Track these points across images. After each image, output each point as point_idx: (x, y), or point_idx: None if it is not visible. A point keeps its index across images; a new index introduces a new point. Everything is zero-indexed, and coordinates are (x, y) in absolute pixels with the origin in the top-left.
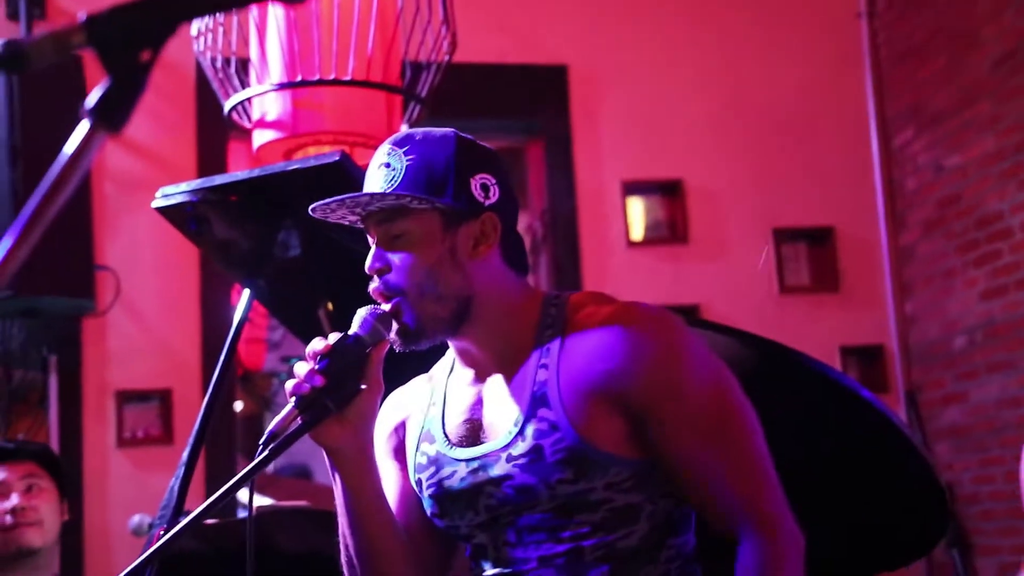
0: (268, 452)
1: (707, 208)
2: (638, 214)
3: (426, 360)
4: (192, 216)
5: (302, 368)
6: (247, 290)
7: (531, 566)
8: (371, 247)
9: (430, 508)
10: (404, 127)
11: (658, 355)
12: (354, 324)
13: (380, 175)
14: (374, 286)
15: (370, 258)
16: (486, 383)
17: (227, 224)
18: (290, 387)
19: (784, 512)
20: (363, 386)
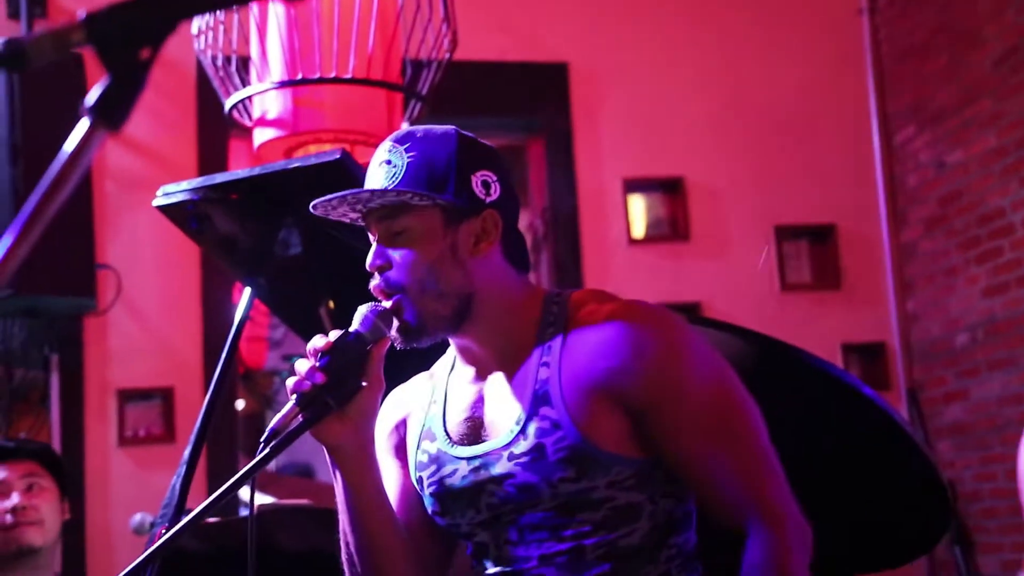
0: (269, 450)
1: (708, 206)
2: (639, 212)
3: (427, 358)
4: (193, 214)
5: (303, 365)
6: (248, 288)
7: (532, 564)
8: (372, 244)
9: (431, 506)
10: (405, 125)
11: (659, 353)
12: (355, 321)
13: (381, 172)
14: (375, 283)
15: (371, 255)
16: (487, 381)
17: (228, 222)
18: (291, 384)
19: (790, 504)
20: (364, 383)
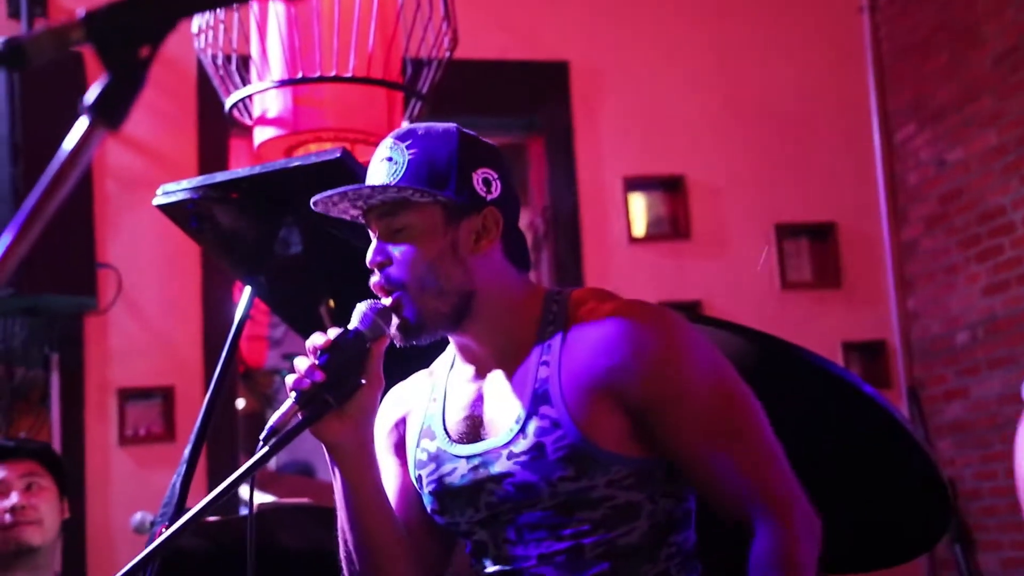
0: (268, 448)
1: (709, 204)
2: (640, 210)
3: (427, 355)
4: (193, 213)
5: (302, 363)
6: (248, 287)
7: (531, 563)
8: (372, 242)
9: (430, 505)
10: (405, 124)
11: (660, 352)
12: (354, 319)
13: (382, 169)
14: (375, 280)
15: (371, 252)
16: (487, 379)
17: (228, 221)
18: (290, 382)
19: (797, 495)
20: (363, 381)
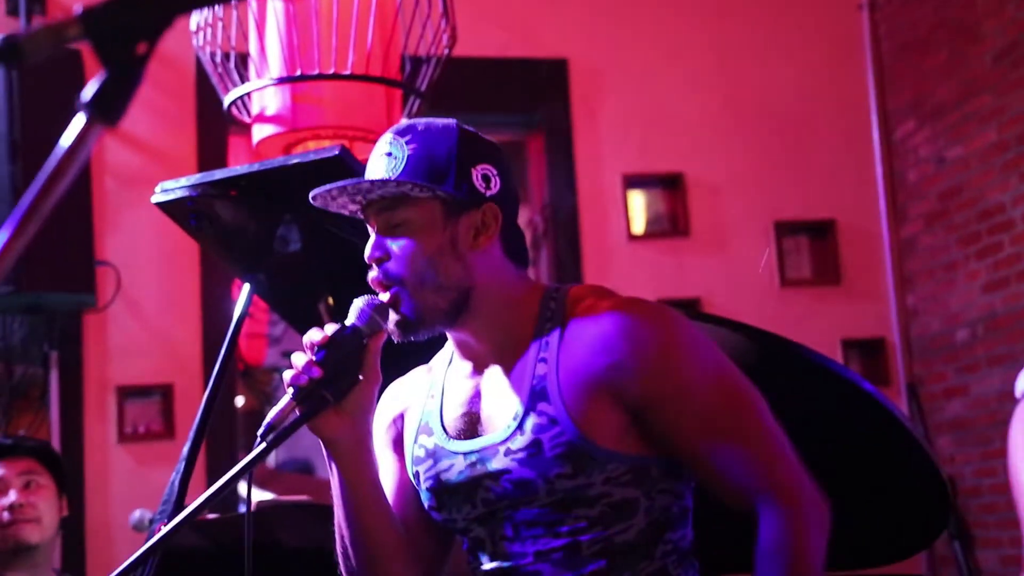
0: (266, 444)
1: (708, 201)
2: (639, 208)
3: (426, 351)
4: (192, 211)
5: (299, 359)
6: (247, 285)
7: (528, 560)
8: (371, 237)
9: (427, 501)
10: (404, 121)
11: (658, 349)
12: (351, 315)
13: (382, 163)
14: (373, 275)
15: (370, 246)
16: (484, 375)
17: (227, 219)
18: (288, 378)
19: (804, 483)
20: (360, 377)
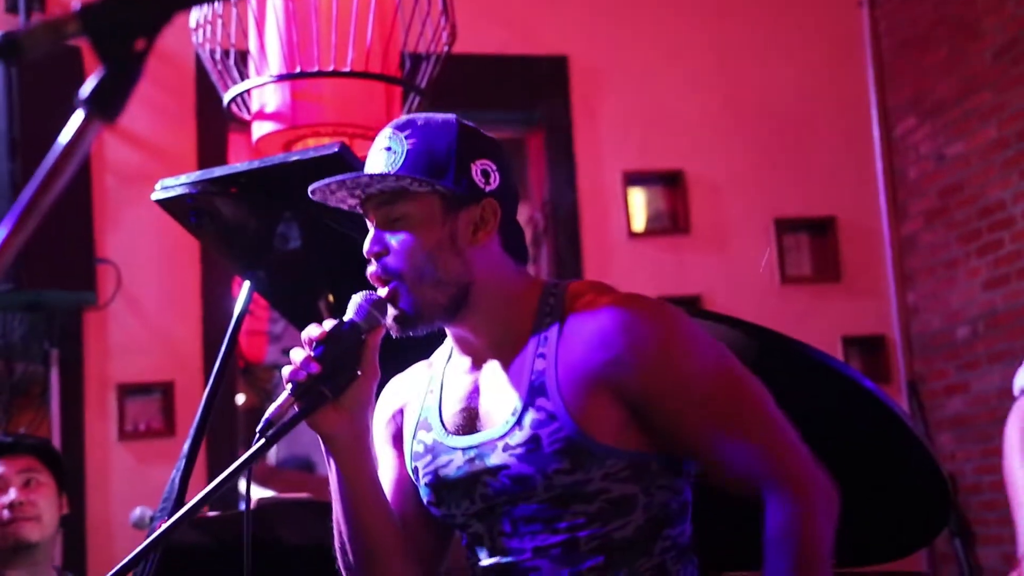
0: (265, 440)
1: (708, 199)
2: (639, 205)
3: (427, 346)
4: (192, 208)
5: (298, 355)
6: (247, 282)
7: (526, 556)
8: (370, 231)
9: (426, 497)
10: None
11: (658, 344)
12: (349, 310)
13: (381, 158)
14: (371, 270)
15: (368, 241)
16: (483, 371)
17: (227, 216)
18: (286, 374)
19: (810, 466)
20: (359, 372)
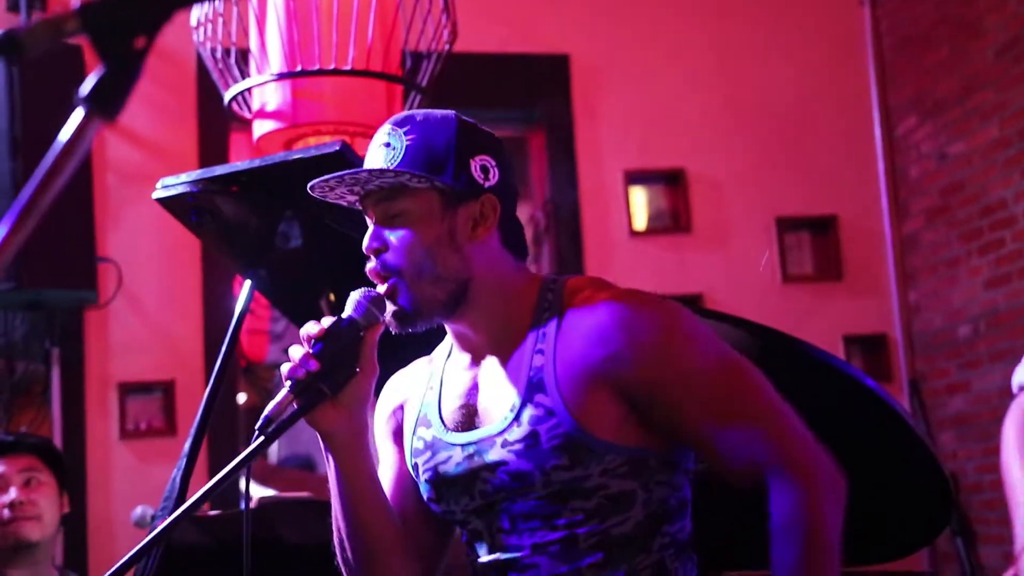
0: (264, 437)
1: (710, 197)
2: (640, 204)
3: (428, 342)
4: (193, 207)
5: (296, 352)
6: (248, 281)
7: (525, 553)
8: (369, 227)
9: (426, 493)
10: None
11: (656, 338)
12: (348, 307)
13: (380, 154)
14: (371, 266)
15: (367, 237)
16: (482, 367)
17: (228, 215)
18: (285, 371)
19: (816, 453)
20: (357, 369)
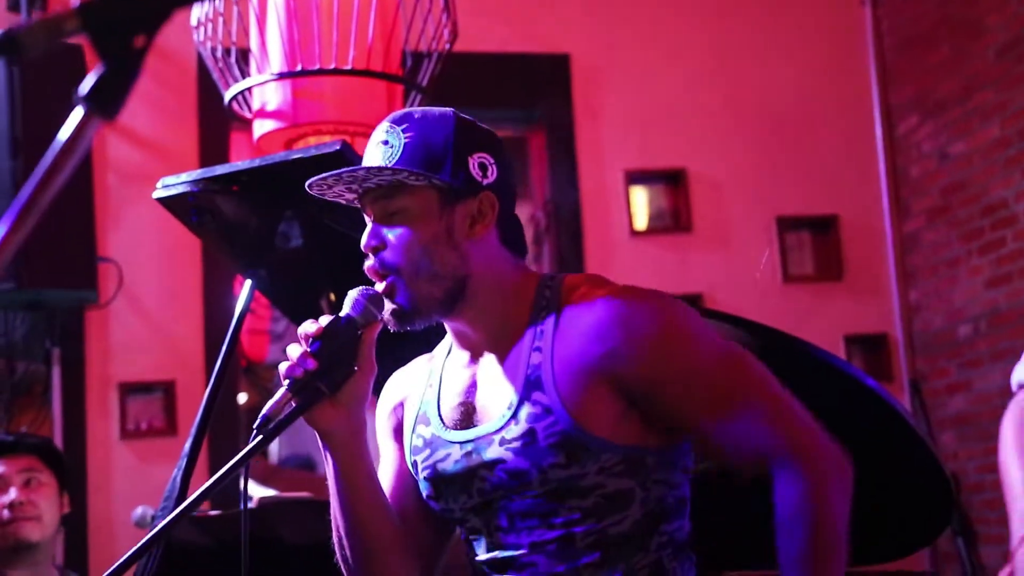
0: (262, 436)
1: (710, 197)
2: (641, 203)
3: (432, 339)
4: (193, 206)
5: (294, 351)
6: (249, 281)
7: (523, 552)
8: (368, 225)
9: (425, 491)
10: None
11: (654, 334)
12: (346, 305)
13: (378, 152)
14: (369, 264)
15: (366, 235)
16: (480, 365)
17: (229, 214)
18: (283, 370)
19: (821, 439)
20: (356, 368)
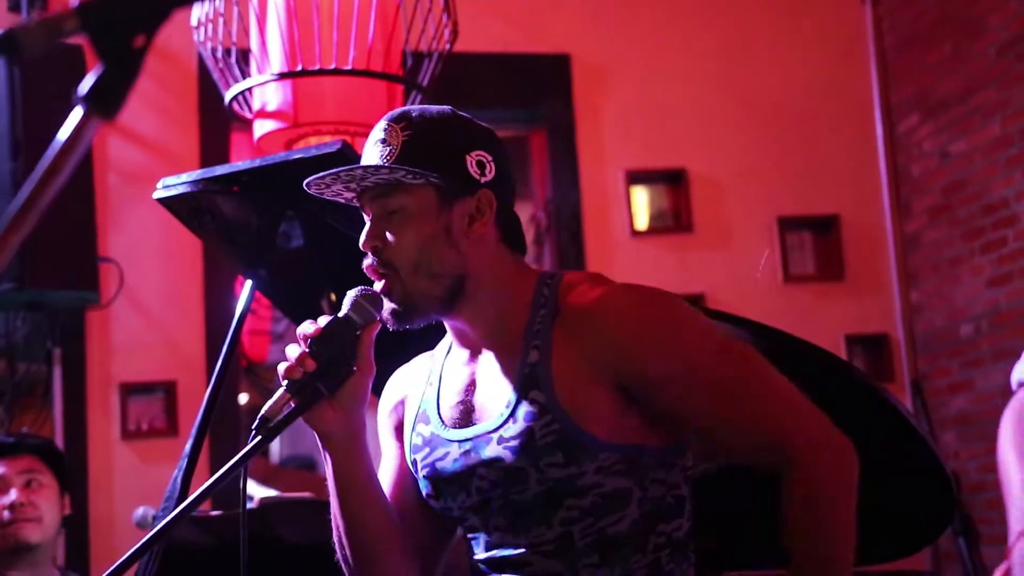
0: (261, 437)
1: (711, 197)
2: (642, 203)
3: (433, 337)
4: (194, 207)
5: (293, 351)
6: (250, 281)
7: (521, 551)
8: (366, 224)
9: (425, 489)
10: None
11: (654, 331)
12: (344, 305)
13: (376, 151)
14: (367, 263)
15: (364, 234)
16: (479, 363)
17: (229, 215)
18: (282, 370)
19: (826, 427)
20: (354, 368)
